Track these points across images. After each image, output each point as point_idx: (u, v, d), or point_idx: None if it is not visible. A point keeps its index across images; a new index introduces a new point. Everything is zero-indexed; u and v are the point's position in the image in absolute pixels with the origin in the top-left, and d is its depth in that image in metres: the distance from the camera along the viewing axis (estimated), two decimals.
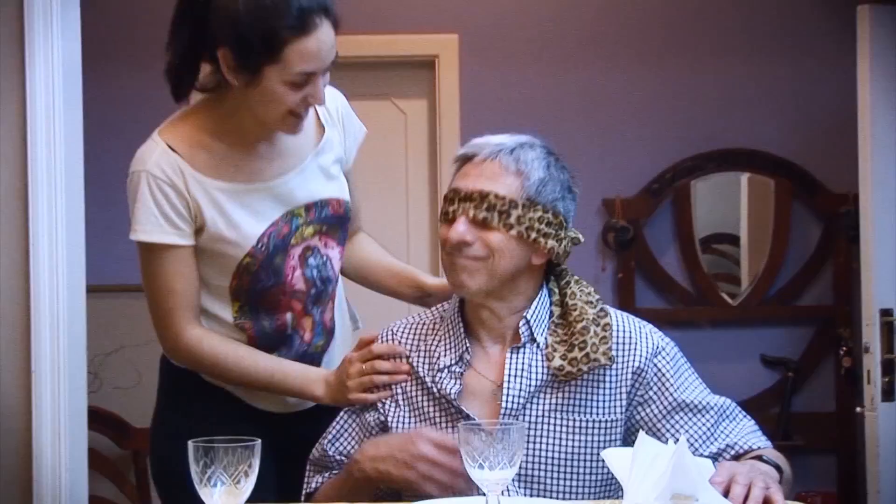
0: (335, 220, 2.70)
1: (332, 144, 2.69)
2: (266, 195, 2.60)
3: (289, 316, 2.67)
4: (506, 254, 2.35)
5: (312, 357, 2.75)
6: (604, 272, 5.19)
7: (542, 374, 2.36)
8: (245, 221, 2.58)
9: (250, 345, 2.65)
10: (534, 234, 2.35)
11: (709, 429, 2.36)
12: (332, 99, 2.67)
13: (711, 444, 2.34)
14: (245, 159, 2.58)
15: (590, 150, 5.14)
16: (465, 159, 2.41)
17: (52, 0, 3.04)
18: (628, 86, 5.22)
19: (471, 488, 2.15)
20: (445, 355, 2.42)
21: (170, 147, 2.52)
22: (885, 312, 4.22)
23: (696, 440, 2.32)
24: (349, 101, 2.79)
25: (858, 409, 4.37)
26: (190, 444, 1.80)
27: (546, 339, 2.39)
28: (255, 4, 2.38)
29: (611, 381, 2.38)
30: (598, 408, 2.37)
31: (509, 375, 2.36)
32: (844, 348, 5.11)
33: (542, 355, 2.38)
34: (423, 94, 5.32)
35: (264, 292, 2.63)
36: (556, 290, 2.47)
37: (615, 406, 2.38)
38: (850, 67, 4.29)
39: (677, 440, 2.00)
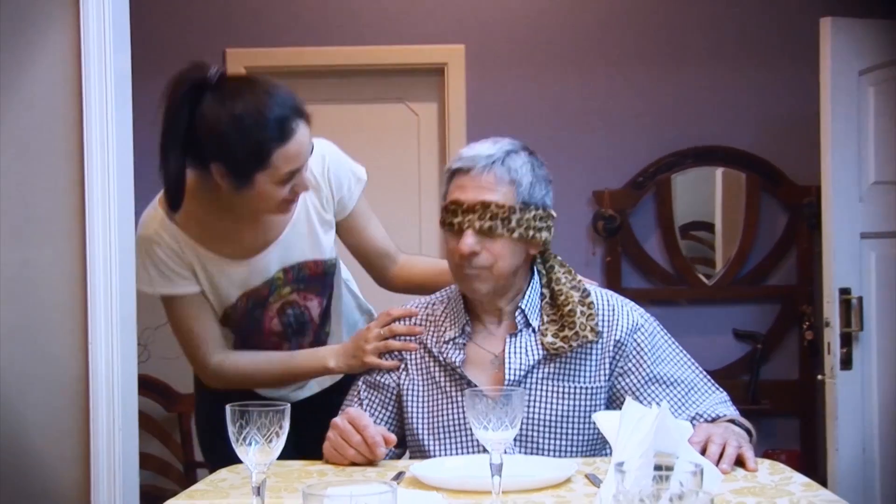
0: (313, 279, 2.67)
1: (308, 210, 2.61)
2: (248, 269, 2.58)
3: (269, 345, 2.70)
4: (508, 256, 2.35)
5: None
6: (594, 256, 5.19)
7: (537, 351, 2.38)
8: (226, 288, 2.59)
9: None
10: (531, 232, 2.35)
11: (679, 399, 2.36)
12: (320, 160, 2.58)
13: (681, 413, 2.34)
14: (233, 234, 2.55)
15: (581, 148, 5.14)
16: (459, 172, 2.38)
17: (104, 17, 3.04)
18: (616, 91, 5.21)
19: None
20: (450, 329, 2.43)
21: (168, 217, 2.52)
22: (844, 291, 4.20)
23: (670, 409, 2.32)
24: (369, 103, 2.74)
25: (819, 377, 4.36)
26: (228, 407, 1.79)
27: (539, 321, 2.40)
28: (239, 124, 2.32)
29: (596, 353, 2.40)
30: (585, 375, 2.39)
31: (510, 353, 2.37)
32: (807, 323, 5.11)
33: (536, 337, 2.39)
34: (433, 98, 5.31)
35: (246, 330, 2.66)
36: (544, 272, 2.47)
37: (600, 374, 2.39)
38: (813, 73, 4.27)
39: (659, 405, 2.00)
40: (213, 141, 2.34)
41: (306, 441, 2.43)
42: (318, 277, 2.67)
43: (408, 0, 5.22)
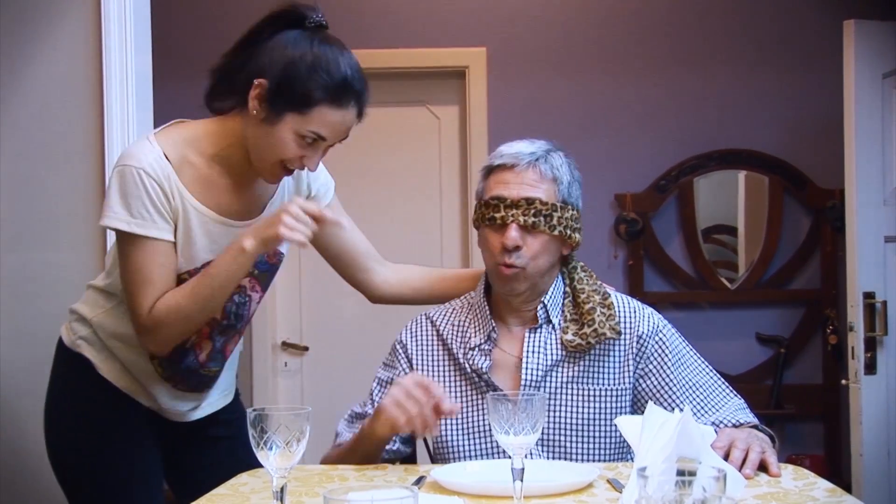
0: (267, 268, 2.53)
1: (284, 196, 2.50)
2: (228, 233, 2.40)
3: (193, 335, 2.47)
4: (546, 253, 2.37)
5: (201, 377, 2.55)
6: (616, 259, 5.17)
7: (557, 350, 2.37)
8: (201, 247, 2.39)
9: None
10: (569, 231, 2.37)
11: (699, 404, 2.36)
12: None
13: (701, 418, 2.33)
14: (224, 190, 2.41)
15: (603, 151, 5.13)
16: (500, 168, 2.38)
17: (125, 19, 3.05)
18: (638, 93, 5.20)
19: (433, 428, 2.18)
20: (475, 335, 2.43)
21: (164, 154, 2.32)
22: (868, 295, 4.19)
23: None
24: (391, 106, 2.68)
25: (843, 382, 4.34)
26: (249, 411, 1.78)
27: (560, 318, 2.40)
28: (312, 62, 2.27)
29: (618, 353, 2.40)
30: (608, 377, 2.39)
31: (527, 352, 2.38)
32: (831, 327, 5.08)
33: (556, 335, 2.39)
34: (454, 101, 5.31)
35: None
36: (567, 273, 2.48)
37: (624, 375, 2.39)
38: (836, 75, 4.26)
39: (682, 410, 1.99)
40: (278, 60, 2.27)
41: (186, 465, 2.37)
42: (271, 268, 2.55)
43: (429, 3, 5.22)
